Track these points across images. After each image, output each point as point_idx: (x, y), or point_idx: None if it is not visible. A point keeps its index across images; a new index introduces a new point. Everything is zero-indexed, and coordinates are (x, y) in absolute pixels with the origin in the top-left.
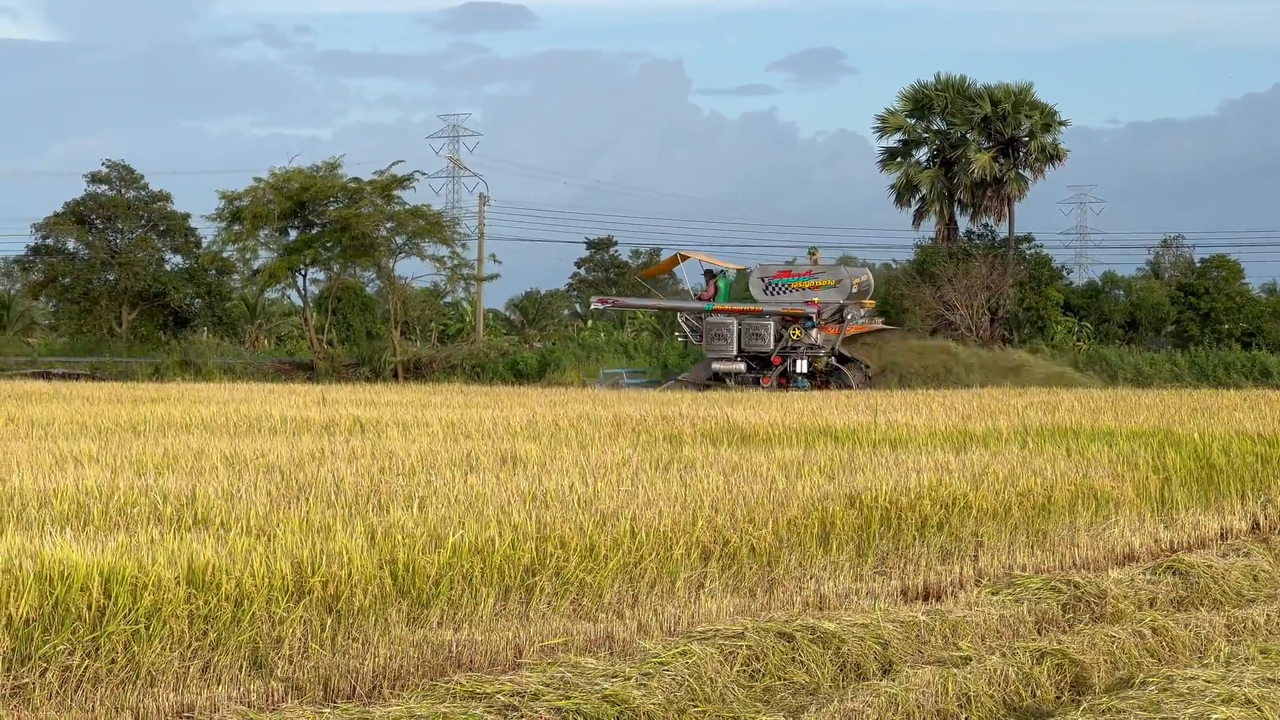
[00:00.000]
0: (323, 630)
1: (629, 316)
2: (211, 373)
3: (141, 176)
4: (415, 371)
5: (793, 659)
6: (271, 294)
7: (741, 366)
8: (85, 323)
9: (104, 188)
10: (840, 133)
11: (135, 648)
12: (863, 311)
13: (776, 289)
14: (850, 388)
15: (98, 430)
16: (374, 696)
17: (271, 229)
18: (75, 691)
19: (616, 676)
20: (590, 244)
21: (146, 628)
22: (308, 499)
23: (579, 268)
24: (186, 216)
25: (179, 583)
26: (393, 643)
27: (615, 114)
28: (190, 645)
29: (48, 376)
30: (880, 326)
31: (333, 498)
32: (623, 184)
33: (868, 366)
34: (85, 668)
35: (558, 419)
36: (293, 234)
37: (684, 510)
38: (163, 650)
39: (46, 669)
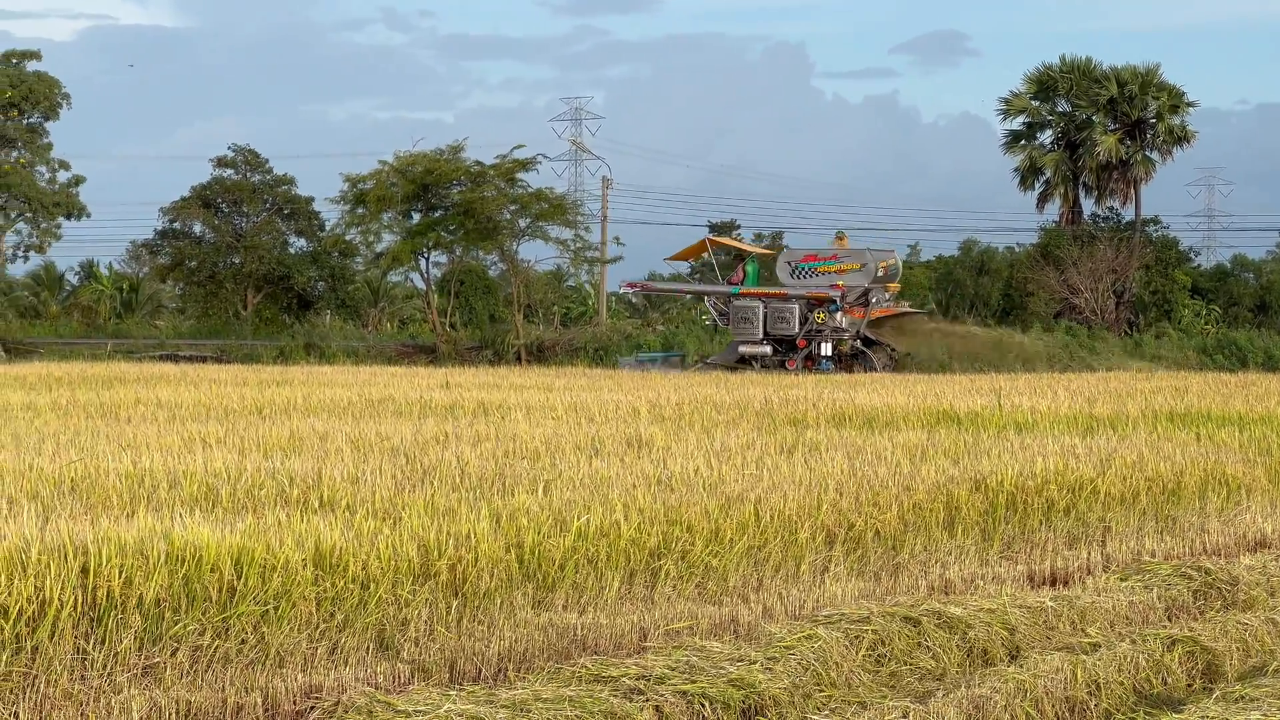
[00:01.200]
0: (448, 613)
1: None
2: (335, 356)
3: (266, 160)
4: (538, 355)
5: (919, 644)
6: (394, 277)
7: (768, 349)
8: (211, 306)
9: (229, 172)
10: (963, 116)
11: (264, 628)
12: (888, 295)
13: (803, 273)
14: (875, 370)
15: (224, 413)
16: (499, 679)
17: (395, 212)
18: (205, 671)
19: (742, 660)
20: (713, 227)
21: (275, 609)
22: (432, 482)
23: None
24: (310, 200)
25: (307, 564)
26: (518, 626)
27: (737, 97)
28: (318, 627)
29: (175, 359)
30: (906, 310)
31: (457, 481)
32: (744, 167)
33: (893, 350)
34: (215, 648)
35: (682, 402)
36: (416, 217)
37: (808, 494)
38: (291, 631)
39: (177, 649)
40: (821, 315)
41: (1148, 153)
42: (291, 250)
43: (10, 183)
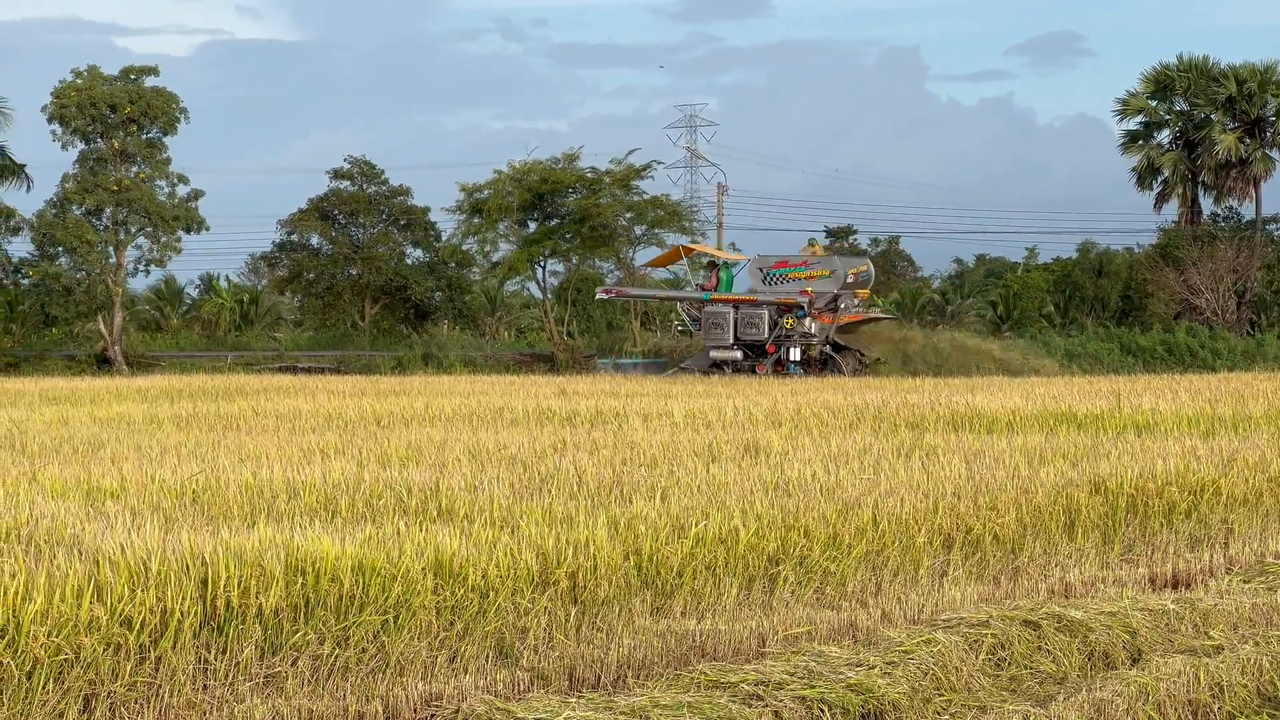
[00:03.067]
0: (567, 620)
1: None
2: (452, 365)
3: (382, 172)
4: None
5: (1039, 647)
6: (511, 286)
7: (738, 354)
8: (329, 317)
9: (346, 184)
10: (1079, 117)
11: (384, 637)
12: (857, 301)
13: (774, 279)
14: (843, 375)
15: (343, 423)
16: (618, 686)
17: (511, 221)
18: (326, 680)
19: (861, 665)
20: (829, 232)
21: (395, 618)
22: (550, 490)
23: None
24: (426, 210)
25: (426, 574)
26: (636, 633)
27: (851, 102)
28: (438, 635)
29: (293, 370)
30: (875, 316)
31: (575, 489)
32: (859, 172)
33: (862, 354)
34: (335, 657)
35: (799, 407)
36: (532, 226)
37: (926, 498)
38: (411, 640)
39: (298, 658)
40: (790, 321)
41: (1268, 150)
42: (408, 261)
43: (131, 197)
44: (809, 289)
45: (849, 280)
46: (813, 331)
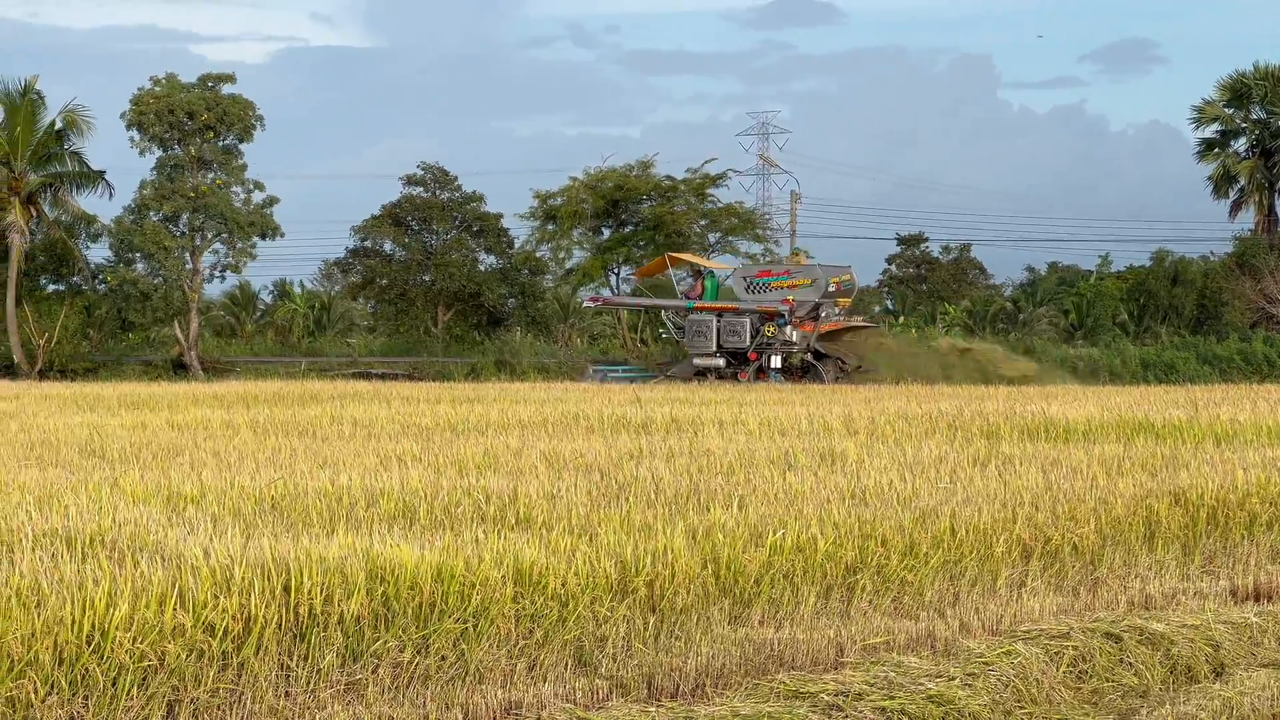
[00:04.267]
0: (645, 629)
1: None
2: (526, 372)
3: (455, 178)
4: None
5: (1120, 660)
6: (584, 293)
7: (721, 362)
8: (402, 323)
9: (419, 190)
10: (1152, 124)
11: (464, 645)
12: (838, 310)
13: (757, 288)
14: (823, 382)
15: (419, 430)
16: (697, 695)
17: (585, 228)
18: (407, 687)
19: (940, 676)
20: (901, 240)
21: (475, 626)
22: (628, 498)
23: (889, 264)
24: (499, 217)
25: (506, 582)
26: (715, 641)
27: (923, 109)
28: (517, 643)
29: (367, 377)
30: (857, 324)
31: (652, 497)
32: (931, 180)
33: (843, 362)
34: (416, 664)
35: (874, 415)
36: (605, 233)
37: (1003, 507)
38: (490, 648)
39: (378, 665)
40: (771, 329)
41: None
42: (481, 267)
43: (207, 204)
44: (790, 298)
45: (830, 289)
46: (794, 339)
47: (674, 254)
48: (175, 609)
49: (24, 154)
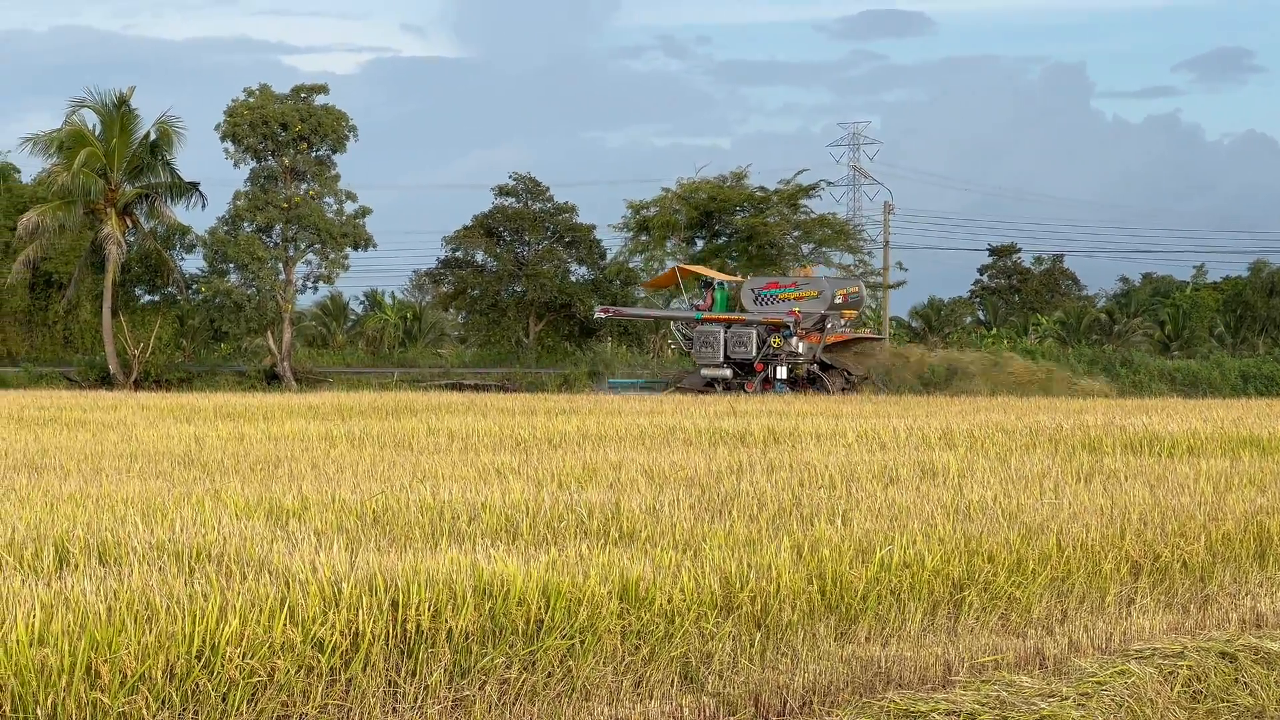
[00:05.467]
0: (752, 645)
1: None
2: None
3: (547, 188)
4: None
5: (1235, 680)
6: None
7: (728, 372)
8: (493, 334)
9: (511, 200)
10: (1248, 134)
11: (571, 662)
12: (844, 321)
13: (765, 300)
14: (829, 393)
15: (516, 443)
16: (805, 712)
17: (678, 239)
18: (513, 704)
19: (1053, 696)
20: (993, 250)
21: (581, 642)
22: (731, 512)
23: (981, 274)
24: (591, 228)
25: (612, 598)
26: (821, 658)
27: (1015, 119)
28: (623, 660)
29: (460, 388)
30: (864, 336)
31: (755, 511)
32: (1024, 190)
33: (849, 373)
34: (523, 681)
35: (971, 429)
36: (699, 244)
37: (1110, 523)
38: (597, 664)
39: (485, 682)
40: (777, 340)
41: None
42: (573, 278)
43: (300, 214)
44: (796, 309)
45: (837, 301)
46: (799, 351)
47: (684, 266)
48: (285, 624)
49: (120, 165)
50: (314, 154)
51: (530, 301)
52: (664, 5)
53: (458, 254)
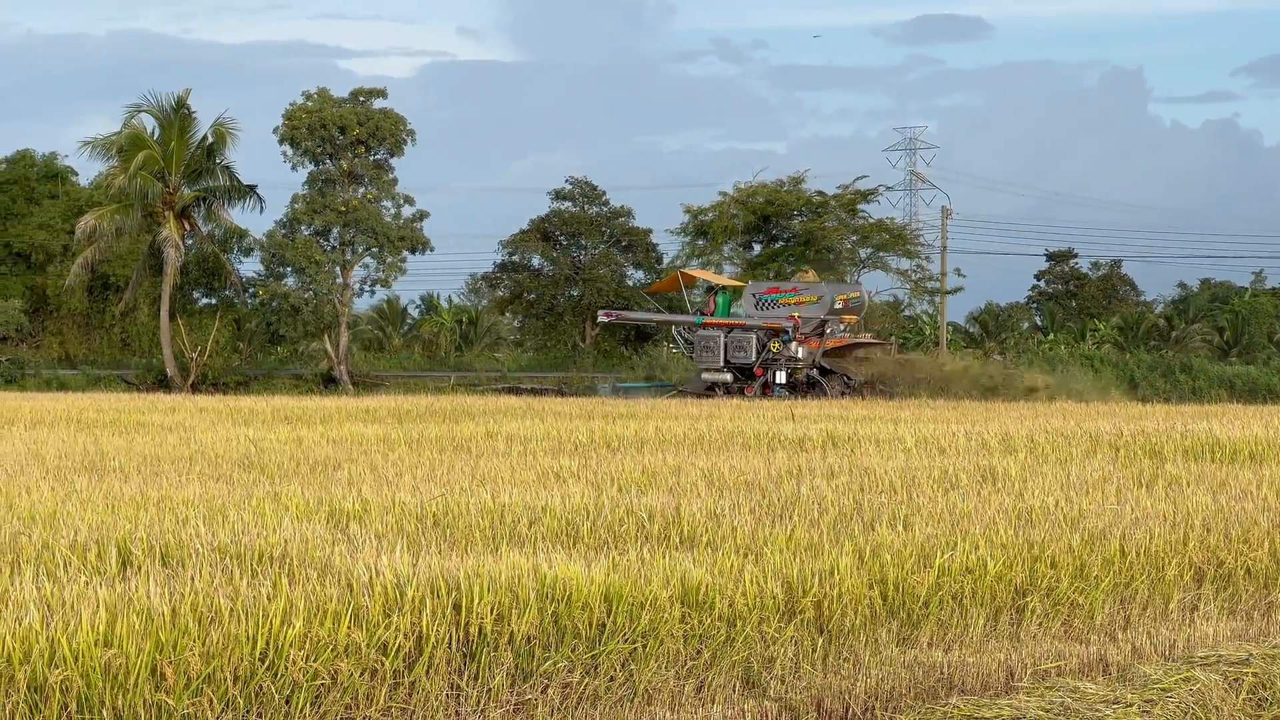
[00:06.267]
0: (814, 650)
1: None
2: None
3: (603, 192)
4: (879, 385)
5: None
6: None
7: (728, 377)
8: (550, 338)
9: (567, 204)
10: None
11: (633, 666)
12: (843, 326)
13: (766, 305)
14: (828, 397)
15: (574, 446)
16: (867, 718)
17: (735, 243)
18: (575, 708)
19: (1118, 703)
20: (1050, 256)
21: (643, 646)
22: (791, 517)
23: (1039, 280)
24: (648, 232)
25: (673, 602)
26: (884, 663)
27: (1073, 124)
28: (685, 664)
29: (516, 392)
30: (864, 341)
31: (816, 516)
32: (1081, 195)
33: (848, 378)
34: (585, 685)
35: (1032, 433)
36: (756, 248)
37: (1173, 529)
38: (659, 669)
39: (547, 686)
40: (776, 345)
41: None
42: (629, 282)
43: (358, 218)
44: (795, 314)
45: (836, 306)
46: (799, 355)
47: (686, 271)
48: (349, 627)
49: (178, 168)
50: (371, 157)
51: (586, 305)
52: (720, 9)
53: (514, 258)
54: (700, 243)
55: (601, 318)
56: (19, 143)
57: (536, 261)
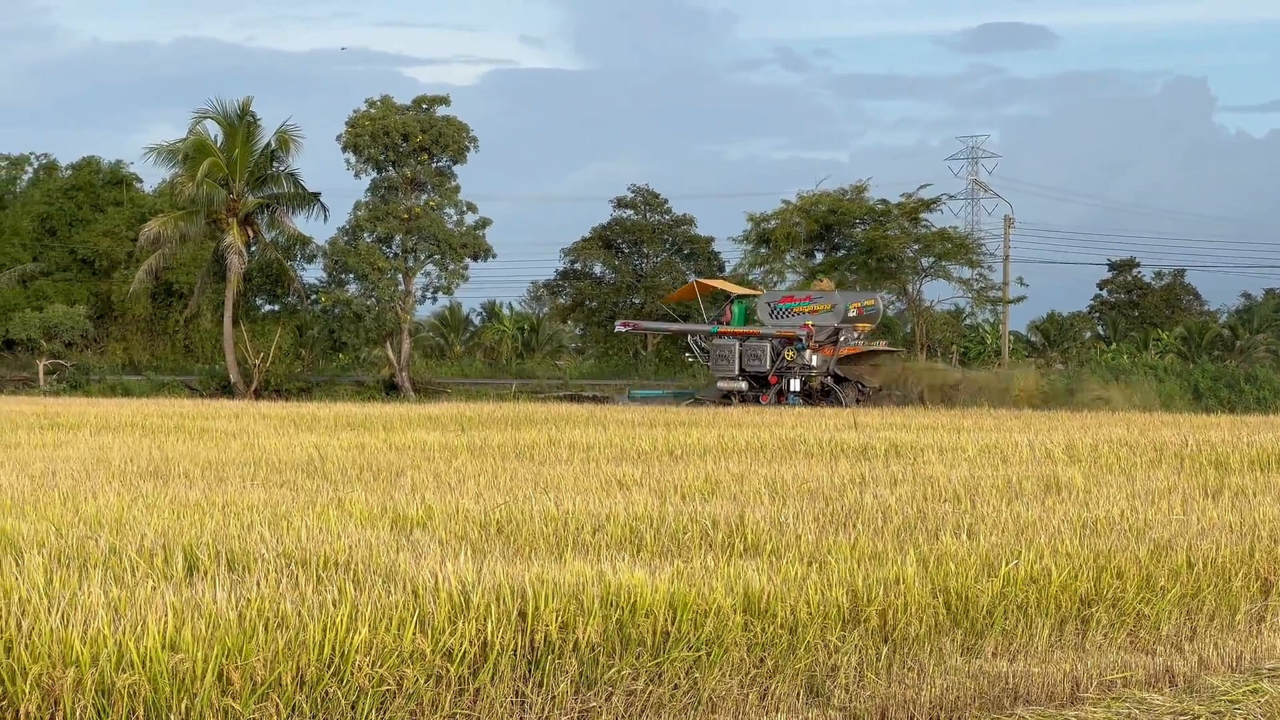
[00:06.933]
0: (878, 659)
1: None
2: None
3: (665, 201)
4: (941, 394)
5: None
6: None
7: (744, 385)
8: (611, 346)
9: (629, 213)
10: None
11: (697, 674)
12: (857, 334)
13: (781, 313)
14: (842, 405)
15: (637, 454)
16: None
17: (798, 251)
18: (640, 716)
19: (1185, 714)
20: (1112, 265)
21: (707, 654)
22: (855, 525)
23: (1101, 289)
24: (710, 240)
25: (737, 610)
26: (948, 673)
27: (1136, 134)
28: (748, 672)
29: (578, 399)
30: (877, 348)
31: (879, 524)
32: (1144, 205)
33: (863, 386)
34: (649, 693)
35: (1096, 443)
36: (819, 256)
37: (1240, 540)
38: (722, 677)
39: (612, 693)
40: (791, 353)
41: None
42: None
43: (420, 225)
44: (809, 323)
45: (850, 314)
46: (813, 363)
47: (703, 280)
48: (415, 633)
49: (242, 175)
50: (434, 165)
51: (648, 314)
52: (783, 18)
53: (576, 266)
54: (763, 251)
55: (619, 327)
56: (85, 150)
57: (598, 269)
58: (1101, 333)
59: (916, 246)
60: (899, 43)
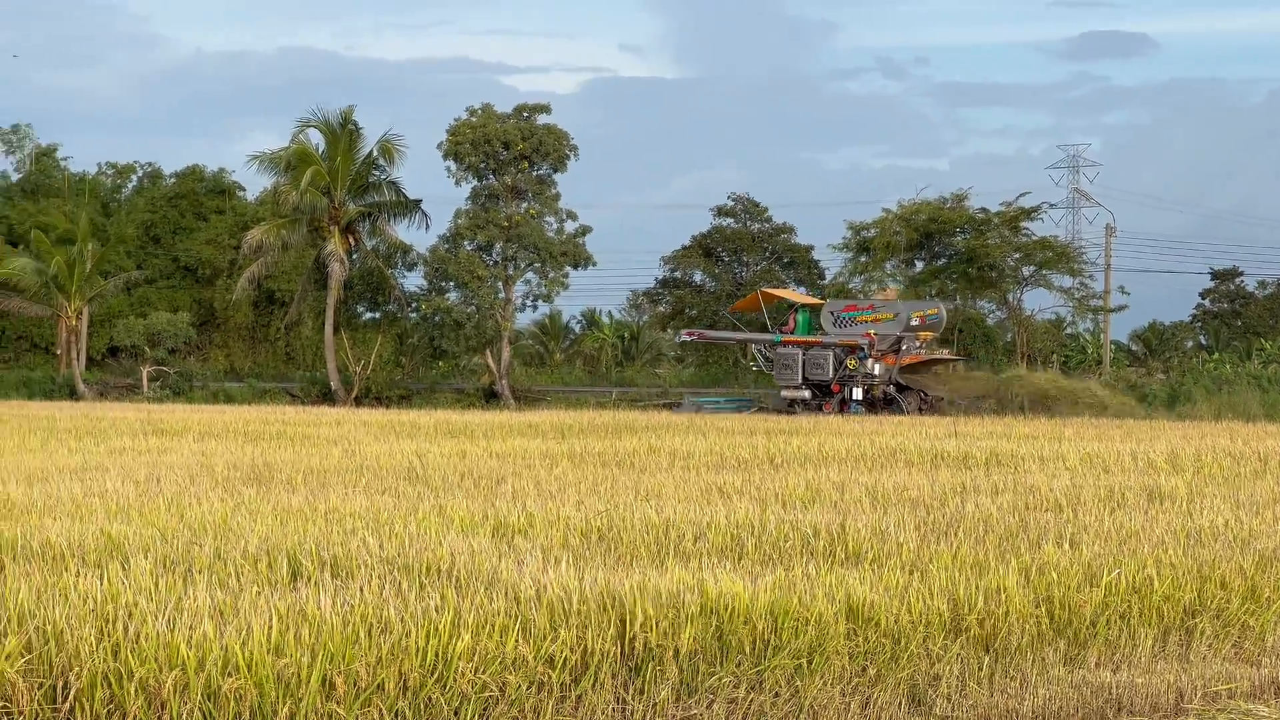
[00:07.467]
0: (980, 669)
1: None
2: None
3: (765, 209)
4: (1041, 404)
5: None
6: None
7: (807, 394)
8: (711, 354)
9: (729, 221)
10: None
11: (798, 682)
12: (919, 343)
13: (844, 322)
14: (904, 414)
15: (737, 462)
16: None
17: (898, 260)
18: None
19: None
20: (1215, 274)
21: (808, 662)
22: (956, 534)
23: (1203, 299)
24: (810, 248)
25: (838, 618)
26: (1050, 683)
27: (1239, 141)
28: (850, 680)
29: (678, 407)
30: (942, 357)
31: (981, 533)
32: (1246, 213)
33: (925, 394)
34: (750, 701)
35: (1198, 453)
36: (919, 265)
37: None
38: (824, 685)
39: (713, 701)
40: (853, 362)
41: None
42: None
43: (521, 233)
44: (871, 331)
45: (913, 323)
46: (875, 372)
47: (767, 290)
48: (517, 640)
49: (343, 184)
50: (534, 173)
51: (748, 322)
52: (882, 27)
53: (676, 274)
54: (863, 259)
55: (683, 336)
56: (188, 158)
57: (698, 277)
58: (1204, 342)
59: (1017, 255)
60: (999, 51)
